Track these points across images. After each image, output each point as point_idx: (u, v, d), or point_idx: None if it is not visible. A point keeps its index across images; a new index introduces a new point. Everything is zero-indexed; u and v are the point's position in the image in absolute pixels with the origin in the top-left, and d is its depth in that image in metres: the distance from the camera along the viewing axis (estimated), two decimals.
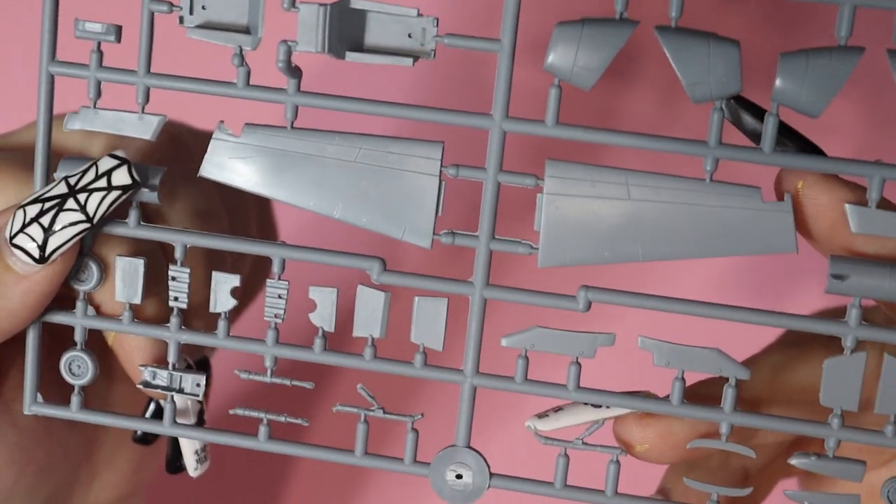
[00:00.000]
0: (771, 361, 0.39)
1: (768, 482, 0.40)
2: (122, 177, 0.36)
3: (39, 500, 0.40)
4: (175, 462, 0.40)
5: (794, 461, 0.36)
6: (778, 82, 0.33)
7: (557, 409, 0.37)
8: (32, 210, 0.36)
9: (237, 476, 0.56)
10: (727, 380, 0.35)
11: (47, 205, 0.36)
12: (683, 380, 0.36)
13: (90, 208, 0.36)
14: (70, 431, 0.40)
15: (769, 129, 0.34)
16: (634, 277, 0.37)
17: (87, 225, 0.36)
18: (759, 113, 0.35)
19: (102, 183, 0.36)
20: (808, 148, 0.35)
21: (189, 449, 0.40)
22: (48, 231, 0.36)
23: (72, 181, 0.36)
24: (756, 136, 0.35)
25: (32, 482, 0.39)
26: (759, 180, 0.35)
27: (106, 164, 0.36)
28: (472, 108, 0.35)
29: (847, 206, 0.34)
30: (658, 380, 0.36)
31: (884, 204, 0.34)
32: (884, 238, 0.34)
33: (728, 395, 0.35)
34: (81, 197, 0.36)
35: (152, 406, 0.40)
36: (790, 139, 0.35)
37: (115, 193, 0.36)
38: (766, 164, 0.34)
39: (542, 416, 0.37)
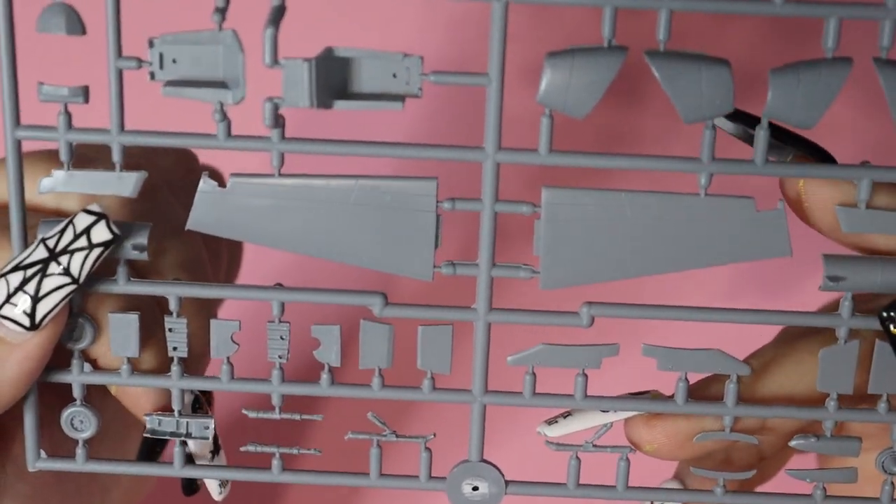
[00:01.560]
0: (762, 360, 0.39)
1: (772, 470, 0.42)
2: (101, 233, 0.35)
3: None
4: (192, 483, 0.40)
5: (793, 443, 0.37)
6: (770, 98, 0.33)
7: (566, 415, 0.38)
8: (15, 279, 0.35)
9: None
10: (726, 377, 0.37)
11: (29, 272, 0.35)
12: (687, 380, 0.37)
13: (74, 270, 0.35)
14: (67, 478, 0.40)
15: (760, 142, 0.34)
16: (632, 285, 0.38)
17: (73, 287, 0.35)
18: (773, 129, 0.35)
19: (83, 242, 0.35)
20: (810, 149, 0.36)
21: (214, 482, 0.40)
22: (35, 298, 0.35)
23: (50, 244, 0.35)
24: (776, 151, 0.36)
25: None
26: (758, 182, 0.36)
27: (83, 221, 0.35)
28: (467, 131, 0.35)
29: (837, 207, 0.35)
30: (661, 379, 0.38)
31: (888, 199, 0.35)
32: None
33: (730, 390, 0.37)
34: (63, 259, 0.35)
35: (180, 450, 0.39)
36: (792, 143, 0.36)
37: (97, 251, 0.35)
38: (759, 174, 0.35)
39: (551, 422, 0.38)
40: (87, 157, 0.37)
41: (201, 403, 0.39)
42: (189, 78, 0.34)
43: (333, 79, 0.34)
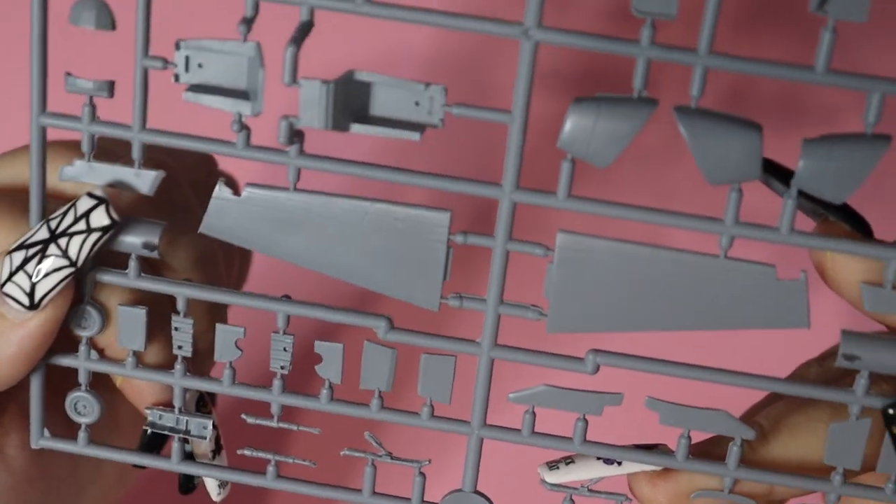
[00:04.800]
0: (773, 420, 0.38)
1: None
2: (100, 217, 0.35)
3: None
4: (189, 482, 0.40)
5: None
6: (800, 168, 0.32)
7: (568, 461, 0.37)
8: (18, 257, 0.35)
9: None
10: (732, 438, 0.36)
11: (30, 251, 0.35)
12: (689, 437, 0.36)
13: (72, 253, 0.35)
14: (63, 466, 0.40)
15: (787, 211, 0.33)
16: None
17: (71, 269, 0.35)
18: (789, 177, 0.34)
19: (82, 225, 0.35)
20: (847, 215, 0.34)
21: (213, 482, 0.40)
22: (34, 278, 0.35)
23: (52, 224, 0.35)
24: (813, 214, 0.35)
25: None
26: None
27: (84, 204, 0.35)
28: (484, 163, 0.34)
29: (862, 285, 0.34)
30: (663, 433, 0.37)
31: None
32: None
33: (733, 452, 0.36)
34: (62, 241, 0.35)
35: (148, 432, 0.39)
36: (828, 206, 0.34)
37: (95, 235, 0.35)
38: (782, 243, 0.33)
39: (552, 466, 0.37)
40: (108, 149, 0.37)
41: (205, 402, 0.39)
42: (212, 84, 0.34)
43: (352, 101, 0.33)
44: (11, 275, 0.35)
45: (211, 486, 0.39)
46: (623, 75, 0.33)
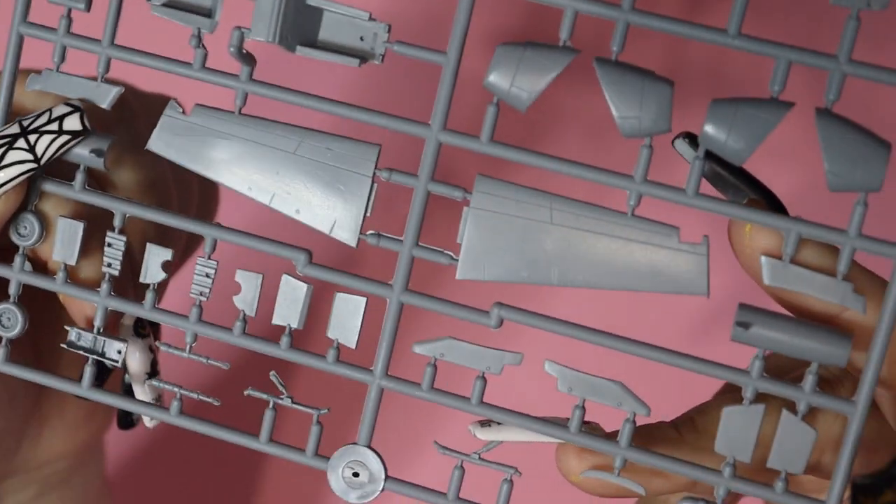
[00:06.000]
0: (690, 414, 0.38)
1: None
2: (73, 122, 0.37)
3: None
4: (127, 417, 0.41)
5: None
6: (706, 128, 0.34)
7: (500, 423, 0.37)
8: None
9: (211, 475, 0.56)
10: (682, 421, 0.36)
11: None
12: (584, 408, 0.36)
13: (39, 150, 0.37)
14: (27, 395, 0.41)
15: (694, 171, 0.35)
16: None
17: (33, 165, 0.37)
18: (734, 170, 0.35)
19: (54, 127, 0.37)
20: (768, 198, 0.36)
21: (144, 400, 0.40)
22: None
23: (25, 123, 0.37)
24: (734, 191, 0.36)
25: None
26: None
27: (60, 110, 0.37)
28: (422, 108, 0.36)
29: (763, 258, 0.35)
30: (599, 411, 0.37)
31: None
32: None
33: (625, 429, 0.36)
34: (32, 138, 0.37)
35: (90, 370, 0.40)
36: (751, 187, 0.36)
37: (64, 138, 0.37)
38: (688, 205, 0.35)
39: (484, 424, 0.37)
40: (111, 119, 0.39)
41: (143, 325, 0.40)
42: (180, 2, 0.37)
43: (304, 26, 0.36)
44: None
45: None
46: (577, 36, 0.35)
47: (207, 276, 0.38)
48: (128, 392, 0.40)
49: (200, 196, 0.46)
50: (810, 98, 0.35)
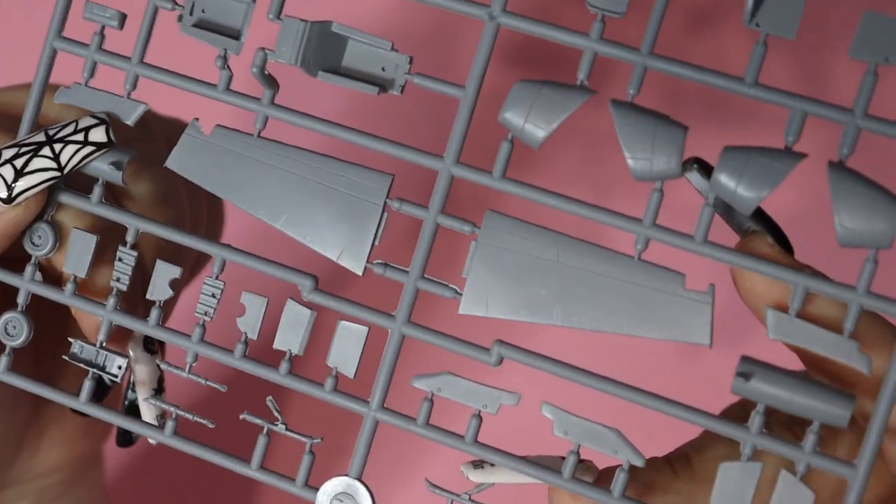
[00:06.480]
0: (719, 453, 0.37)
1: None
2: (98, 135, 0.37)
3: None
4: (126, 435, 0.41)
5: None
6: (717, 175, 0.34)
7: (493, 463, 0.36)
8: (8, 153, 0.38)
9: (210, 485, 0.55)
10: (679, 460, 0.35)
11: (23, 149, 0.38)
12: (578, 453, 0.35)
13: (63, 159, 0.37)
14: (26, 405, 0.41)
15: (703, 220, 0.34)
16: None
17: (56, 174, 0.37)
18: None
19: (79, 137, 0.37)
20: (772, 231, 0.35)
21: (149, 415, 0.40)
22: (19, 172, 0.37)
23: (51, 132, 0.38)
24: (739, 229, 0.36)
25: None
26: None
27: (86, 121, 0.38)
28: (438, 139, 0.36)
29: (767, 309, 0.34)
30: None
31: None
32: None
33: (619, 479, 0.35)
34: (57, 147, 0.37)
35: (89, 384, 0.40)
36: (757, 218, 0.35)
37: (88, 148, 0.37)
38: (696, 253, 0.34)
39: (476, 465, 0.37)
40: (133, 136, 0.40)
41: (153, 341, 0.40)
42: (209, 23, 0.37)
43: (328, 52, 0.36)
44: None
45: (147, 414, 0.39)
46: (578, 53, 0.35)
47: (213, 296, 0.38)
48: (129, 410, 0.40)
49: (208, 216, 0.46)
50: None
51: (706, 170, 0.35)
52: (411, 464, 0.46)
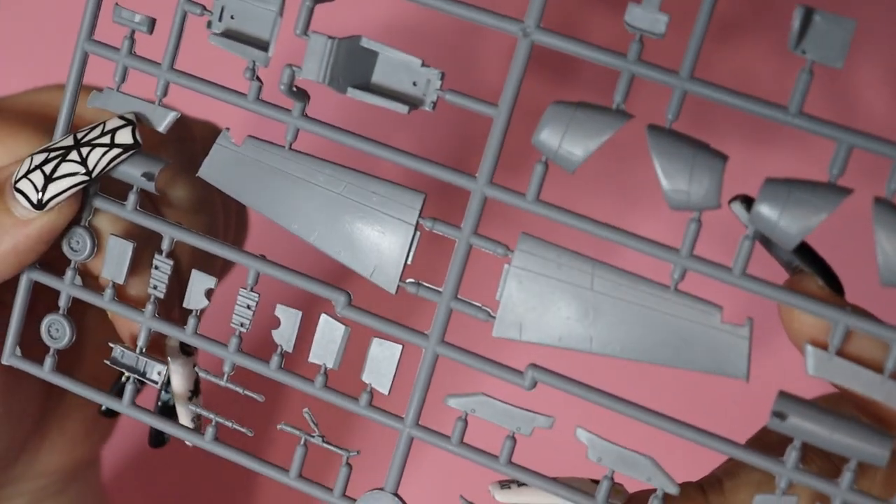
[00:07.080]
0: (753, 479, 0.37)
1: None
2: (125, 136, 0.37)
3: None
4: (160, 435, 0.41)
5: None
6: (759, 207, 0.32)
7: (521, 483, 0.36)
8: (38, 158, 0.37)
9: (210, 482, 0.57)
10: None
11: (52, 154, 0.37)
12: (612, 479, 0.35)
13: (90, 162, 0.37)
14: (30, 391, 0.42)
15: (743, 251, 0.33)
16: None
17: (85, 178, 0.37)
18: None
19: (106, 140, 0.37)
20: (823, 271, 0.34)
21: (186, 418, 0.41)
22: (48, 178, 0.37)
23: (79, 136, 0.37)
24: (787, 264, 0.35)
25: None
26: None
27: (113, 123, 0.37)
28: (469, 155, 0.35)
29: (808, 346, 0.33)
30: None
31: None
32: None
33: None
34: (84, 150, 0.37)
35: (131, 388, 0.40)
36: (800, 254, 0.34)
37: (115, 151, 0.37)
38: (734, 285, 0.33)
39: (504, 485, 0.37)
40: (171, 135, 0.39)
41: (188, 345, 0.40)
42: (238, 32, 0.36)
43: (358, 68, 0.35)
44: (28, 172, 0.37)
45: (183, 417, 0.40)
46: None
47: (248, 307, 0.37)
48: (163, 411, 0.40)
49: (236, 221, 0.46)
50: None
51: (748, 202, 0.33)
52: (443, 478, 0.46)
